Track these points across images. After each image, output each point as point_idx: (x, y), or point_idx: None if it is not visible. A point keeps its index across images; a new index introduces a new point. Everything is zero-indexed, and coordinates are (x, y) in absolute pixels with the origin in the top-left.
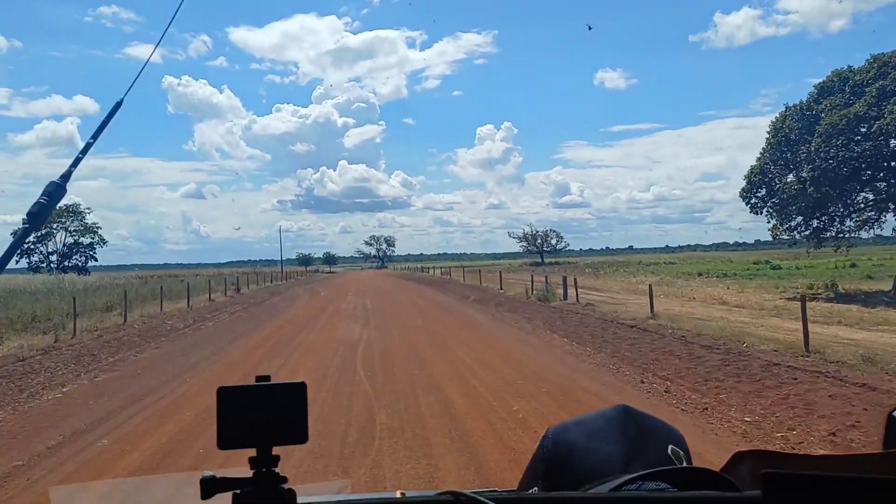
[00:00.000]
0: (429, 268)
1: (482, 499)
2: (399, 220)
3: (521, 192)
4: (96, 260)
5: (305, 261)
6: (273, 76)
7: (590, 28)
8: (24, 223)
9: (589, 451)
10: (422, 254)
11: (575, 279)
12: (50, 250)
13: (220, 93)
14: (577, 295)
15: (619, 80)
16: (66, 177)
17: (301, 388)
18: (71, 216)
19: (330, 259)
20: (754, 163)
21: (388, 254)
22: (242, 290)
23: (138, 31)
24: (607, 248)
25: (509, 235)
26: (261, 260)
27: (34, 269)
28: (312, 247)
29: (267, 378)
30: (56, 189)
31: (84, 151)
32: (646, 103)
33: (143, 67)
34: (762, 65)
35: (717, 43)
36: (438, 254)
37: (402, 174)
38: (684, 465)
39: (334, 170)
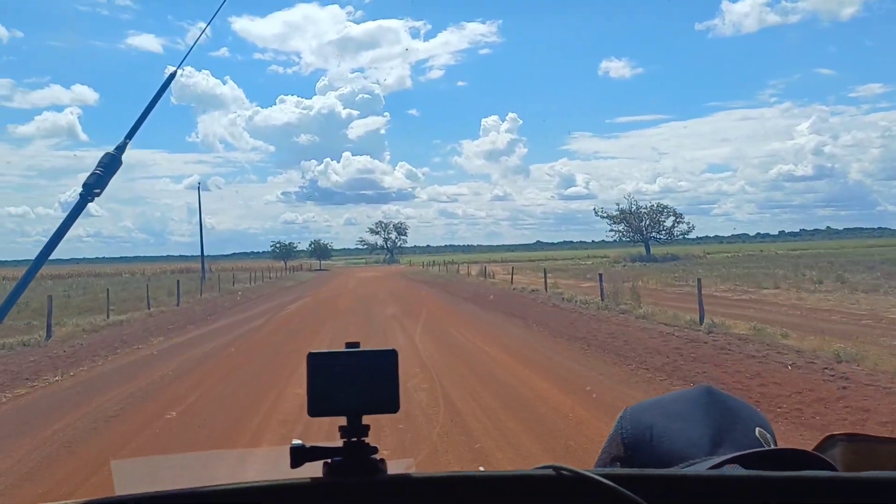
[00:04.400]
0: (457, 263)
1: (588, 473)
2: (404, 211)
3: (526, 184)
4: None
5: (284, 253)
6: (276, 66)
7: None
8: (80, 195)
9: (672, 432)
10: (428, 245)
11: None
12: None
13: (224, 84)
14: None
15: (625, 70)
16: (120, 148)
17: (392, 355)
18: None
19: (320, 250)
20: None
21: (398, 244)
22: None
23: (135, 19)
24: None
25: (595, 214)
26: (264, 251)
27: None
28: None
29: (357, 345)
30: (112, 160)
31: (138, 124)
32: (651, 94)
33: (196, 42)
34: (770, 54)
35: (723, 31)
36: (445, 245)
37: (406, 165)
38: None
39: (338, 161)
